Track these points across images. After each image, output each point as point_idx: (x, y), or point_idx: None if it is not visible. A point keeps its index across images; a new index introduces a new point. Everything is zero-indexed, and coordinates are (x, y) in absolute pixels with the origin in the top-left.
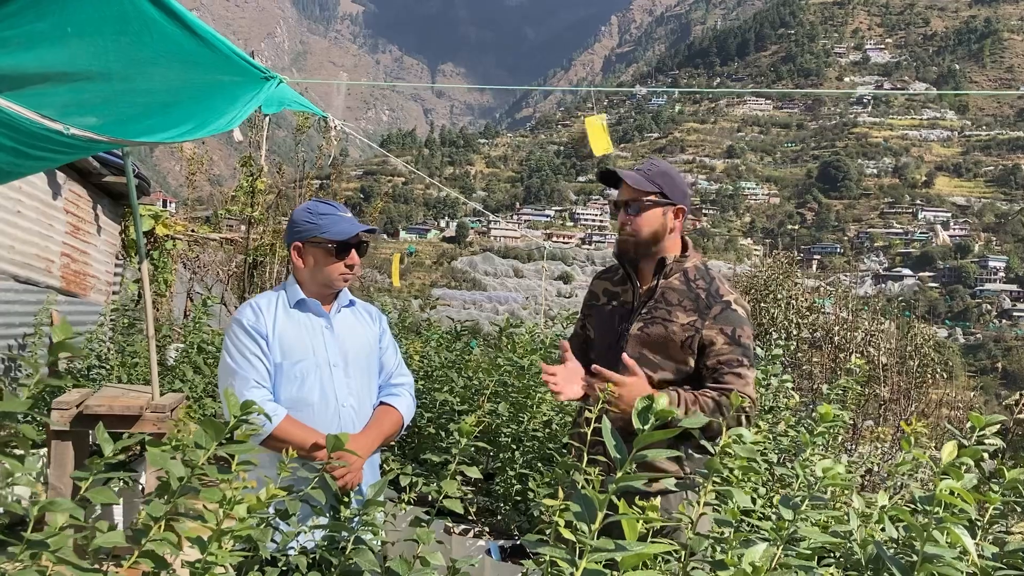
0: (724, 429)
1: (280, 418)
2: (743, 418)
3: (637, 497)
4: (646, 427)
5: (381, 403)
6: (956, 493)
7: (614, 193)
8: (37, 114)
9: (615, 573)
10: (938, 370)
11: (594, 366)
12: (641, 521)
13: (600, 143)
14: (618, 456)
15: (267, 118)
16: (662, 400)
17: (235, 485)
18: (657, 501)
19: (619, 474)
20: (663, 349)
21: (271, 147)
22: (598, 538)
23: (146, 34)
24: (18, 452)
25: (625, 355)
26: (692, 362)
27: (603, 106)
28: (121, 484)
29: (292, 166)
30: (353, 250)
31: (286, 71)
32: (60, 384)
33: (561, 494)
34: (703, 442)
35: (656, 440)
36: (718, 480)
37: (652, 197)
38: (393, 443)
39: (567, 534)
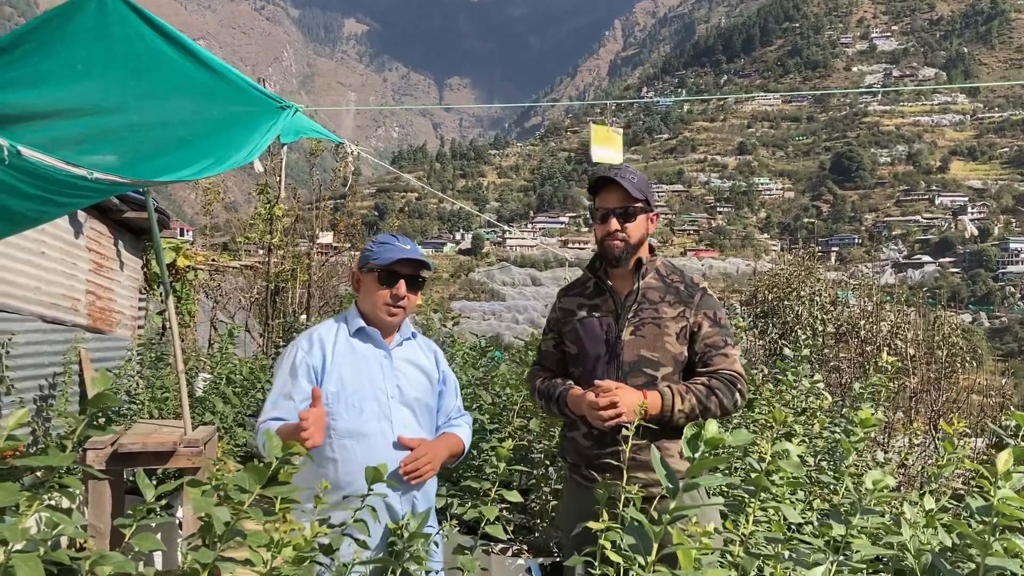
0: (721, 409)
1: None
2: (737, 395)
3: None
4: (696, 455)
5: (443, 432)
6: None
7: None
8: (62, 161)
9: None
10: (967, 357)
11: (596, 381)
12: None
13: (609, 151)
14: (670, 486)
15: (284, 147)
16: (711, 426)
17: (281, 527)
18: (711, 527)
19: (673, 504)
20: (660, 346)
21: (287, 172)
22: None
23: (158, 69)
24: (65, 504)
25: (597, 381)
26: (686, 351)
27: (612, 110)
28: (159, 520)
29: (307, 189)
30: (402, 281)
31: (295, 94)
32: (99, 433)
33: (605, 515)
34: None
35: (707, 465)
36: (767, 496)
37: (640, 205)
38: None
39: (614, 557)
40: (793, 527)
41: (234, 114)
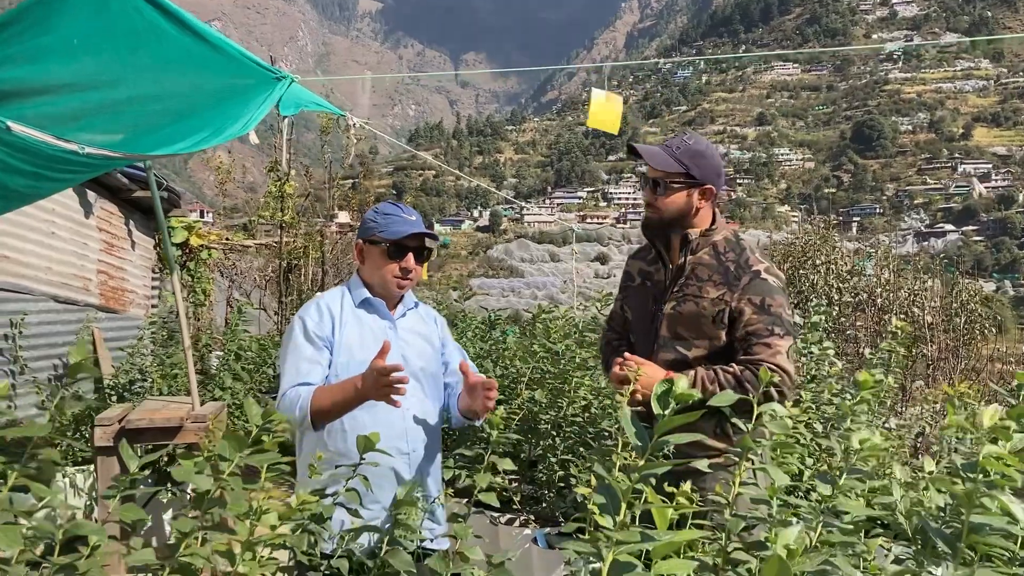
0: (753, 402)
1: (310, 395)
2: (774, 391)
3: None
4: (666, 412)
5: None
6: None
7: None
8: (52, 136)
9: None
10: (986, 325)
11: (626, 354)
12: (677, 507)
13: (603, 120)
14: (638, 444)
15: (285, 120)
16: (681, 382)
17: (260, 495)
18: (687, 485)
19: (642, 462)
20: (695, 326)
21: (303, 151)
22: (640, 525)
23: (155, 43)
24: (79, 480)
25: (627, 353)
26: (724, 336)
27: (629, 83)
28: (168, 496)
29: (321, 168)
30: (410, 254)
31: (310, 74)
32: (82, 407)
33: (595, 481)
34: (734, 419)
35: (678, 424)
36: (753, 458)
37: (679, 179)
38: None
39: (603, 521)
40: (800, 490)
41: (230, 86)
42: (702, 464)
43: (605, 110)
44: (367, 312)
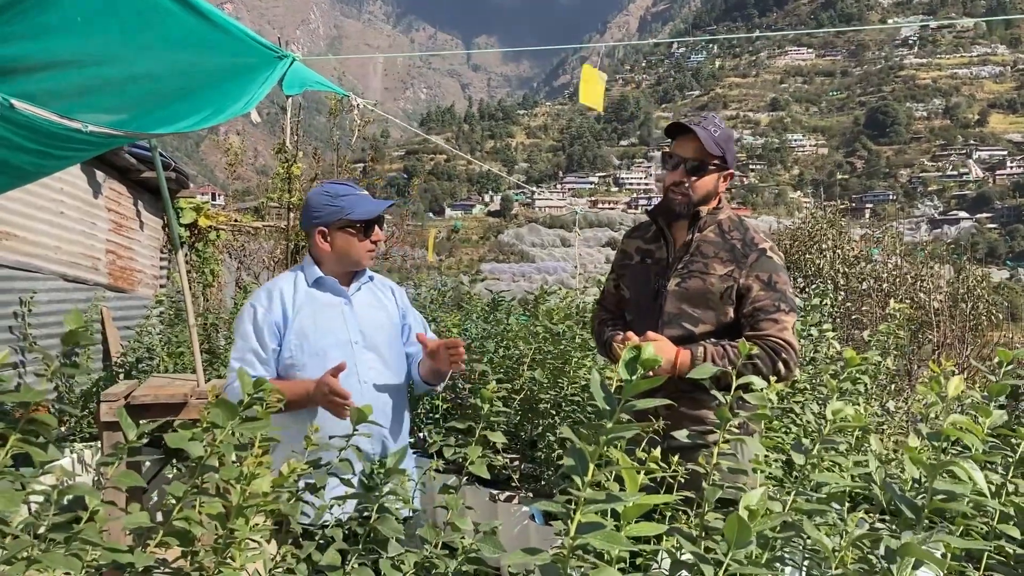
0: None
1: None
2: (780, 365)
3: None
4: (633, 377)
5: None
6: (966, 428)
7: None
8: (55, 114)
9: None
10: (993, 311)
11: (628, 333)
12: (647, 472)
13: (592, 96)
14: (607, 408)
15: (290, 99)
16: (648, 348)
17: (250, 461)
18: (658, 452)
19: (610, 424)
20: (702, 302)
21: (314, 134)
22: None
23: (158, 22)
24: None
25: (629, 333)
26: (731, 312)
27: (642, 67)
28: (175, 472)
29: (331, 151)
30: (376, 225)
31: (322, 57)
32: (73, 372)
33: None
34: (714, 394)
35: (643, 390)
36: (734, 429)
37: (716, 162)
38: (437, 416)
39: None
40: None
41: (232, 65)
42: (681, 435)
43: (593, 86)
44: (320, 291)
